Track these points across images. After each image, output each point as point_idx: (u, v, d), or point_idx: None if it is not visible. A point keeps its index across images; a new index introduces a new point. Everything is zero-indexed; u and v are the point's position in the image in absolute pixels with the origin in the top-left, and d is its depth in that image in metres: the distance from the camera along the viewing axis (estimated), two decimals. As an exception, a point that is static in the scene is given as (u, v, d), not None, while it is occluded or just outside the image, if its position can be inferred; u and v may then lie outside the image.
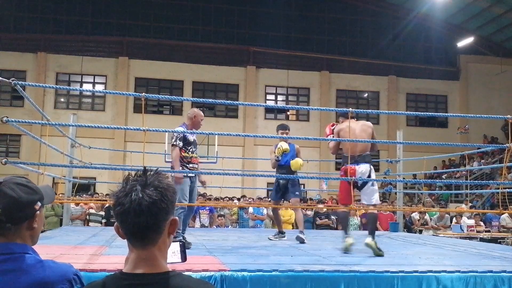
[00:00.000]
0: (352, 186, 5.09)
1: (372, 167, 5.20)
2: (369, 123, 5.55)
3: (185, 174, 5.36)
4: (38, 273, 1.40)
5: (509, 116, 5.67)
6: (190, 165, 5.49)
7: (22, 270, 1.40)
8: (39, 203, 1.51)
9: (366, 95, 23.28)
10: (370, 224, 5.15)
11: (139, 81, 21.17)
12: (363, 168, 5.11)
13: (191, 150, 5.54)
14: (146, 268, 1.27)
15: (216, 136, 12.40)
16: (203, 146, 13.91)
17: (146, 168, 1.34)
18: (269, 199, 5.37)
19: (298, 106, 22.75)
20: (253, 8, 22.56)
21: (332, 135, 5.62)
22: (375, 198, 5.20)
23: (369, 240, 4.75)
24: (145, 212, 1.25)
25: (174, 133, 5.56)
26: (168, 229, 1.32)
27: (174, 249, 1.40)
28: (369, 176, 5.14)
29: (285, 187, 6.49)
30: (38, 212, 1.51)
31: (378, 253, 4.65)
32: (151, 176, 1.31)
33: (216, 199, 11.85)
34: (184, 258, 1.45)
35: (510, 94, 22.98)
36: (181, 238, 5.11)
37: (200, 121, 5.78)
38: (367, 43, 23.32)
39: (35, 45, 20.59)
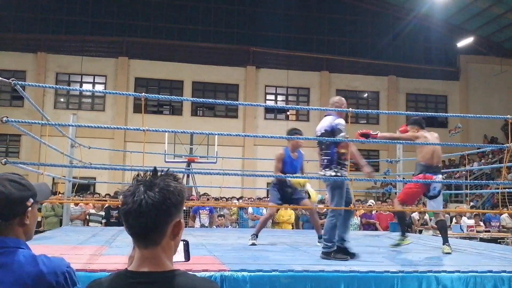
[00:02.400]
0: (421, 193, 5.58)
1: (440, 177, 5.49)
2: (437, 135, 5.75)
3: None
4: (33, 268, 1.41)
5: (509, 116, 5.67)
6: (347, 162, 4.71)
7: (17, 265, 1.40)
8: (31, 200, 1.51)
9: (366, 95, 23.28)
10: (442, 231, 5.40)
11: (139, 81, 21.17)
12: (439, 179, 5.41)
13: None
14: (151, 267, 1.28)
15: (216, 136, 12.43)
16: (203, 146, 13.94)
17: (156, 168, 1.34)
18: (269, 202, 5.00)
19: (298, 106, 22.74)
20: (253, 8, 22.57)
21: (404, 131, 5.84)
22: (440, 206, 5.56)
23: (446, 248, 5.06)
24: (144, 213, 1.25)
25: (339, 126, 4.61)
26: (172, 231, 1.31)
27: (178, 247, 1.40)
28: (441, 187, 5.44)
29: (291, 193, 6.12)
30: (30, 208, 1.51)
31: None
32: (158, 177, 1.31)
33: (216, 199, 11.85)
34: (187, 257, 1.46)
35: (510, 94, 22.98)
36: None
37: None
38: (367, 43, 23.32)
39: (35, 45, 20.60)
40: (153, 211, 1.26)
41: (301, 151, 6.42)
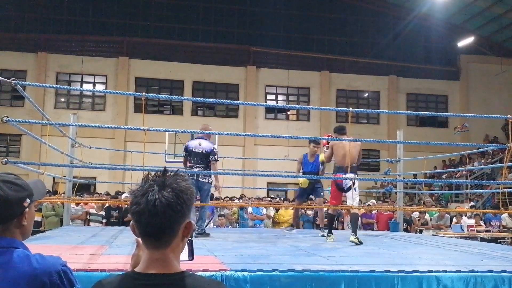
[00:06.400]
0: (340, 191, 6.35)
1: (357, 176, 6.25)
2: (358, 143, 6.38)
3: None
4: (26, 267, 1.39)
5: (509, 115, 5.68)
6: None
7: (10, 264, 1.39)
8: (28, 200, 1.49)
9: (366, 95, 23.28)
10: (352, 222, 6.23)
11: (139, 81, 21.17)
12: (350, 177, 6.14)
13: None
14: (159, 269, 1.27)
15: (216, 136, 12.42)
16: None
17: (166, 168, 1.34)
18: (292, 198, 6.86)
19: (298, 106, 22.76)
20: (253, 8, 22.56)
21: (327, 146, 6.88)
22: (356, 201, 6.22)
23: (352, 237, 5.80)
24: (159, 213, 1.24)
25: (215, 150, 6.77)
26: (183, 231, 1.30)
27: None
28: (353, 183, 6.13)
29: (311, 190, 7.51)
30: (27, 209, 1.48)
31: (360, 243, 5.80)
32: (169, 177, 1.30)
33: (216, 199, 11.85)
34: (191, 256, 1.45)
35: (510, 94, 22.97)
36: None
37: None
38: (367, 43, 23.31)
39: (35, 45, 20.60)
40: (168, 211, 1.25)
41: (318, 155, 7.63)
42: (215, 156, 6.56)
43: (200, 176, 6.42)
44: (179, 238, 1.30)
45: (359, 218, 6.80)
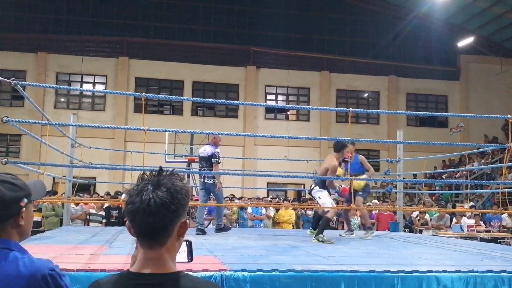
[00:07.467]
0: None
1: (318, 187, 6.67)
2: (330, 163, 6.64)
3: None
4: (11, 270, 1.37)
5: (509, 116, 5.68)
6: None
7: None
8: (25, 200, 1.48)
9: (366, 95, 23.28)
10: (321, 224, 6.66)
11: (139, 81, 21.17)
12: (314, 188, 6.84)
13: None
14: (154, 268, 1.27)
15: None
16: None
17: (162, 168, 1.33)
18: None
19: (298, 106, 22.75)
20: (253, 8, 22.56)
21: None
22: (325, 207, 6.64)
23: (314, 240, 6.25)
24: (153, 213, 1.24)
25: (216, 154, 7.10)
26: (178, 231, 1.30)
27: (181, 248, 1.38)
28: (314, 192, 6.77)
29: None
30: (24, 209, 1.48)
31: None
32: (165, 177, 1.29)
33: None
34: (190, 258, 1.44)
35: (510, 94, 22.97)
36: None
37: None
38: (367, 43, 23.31)
39: (35, 45, 20.60)
40: (162, 211, 1.24)
41: (358, 155, 7.62)
42: (216, 159, 7.06)
43: (206, 178, 7.02)
44: (174, 237, 1.29)
45: (330, 221, 7.17)
